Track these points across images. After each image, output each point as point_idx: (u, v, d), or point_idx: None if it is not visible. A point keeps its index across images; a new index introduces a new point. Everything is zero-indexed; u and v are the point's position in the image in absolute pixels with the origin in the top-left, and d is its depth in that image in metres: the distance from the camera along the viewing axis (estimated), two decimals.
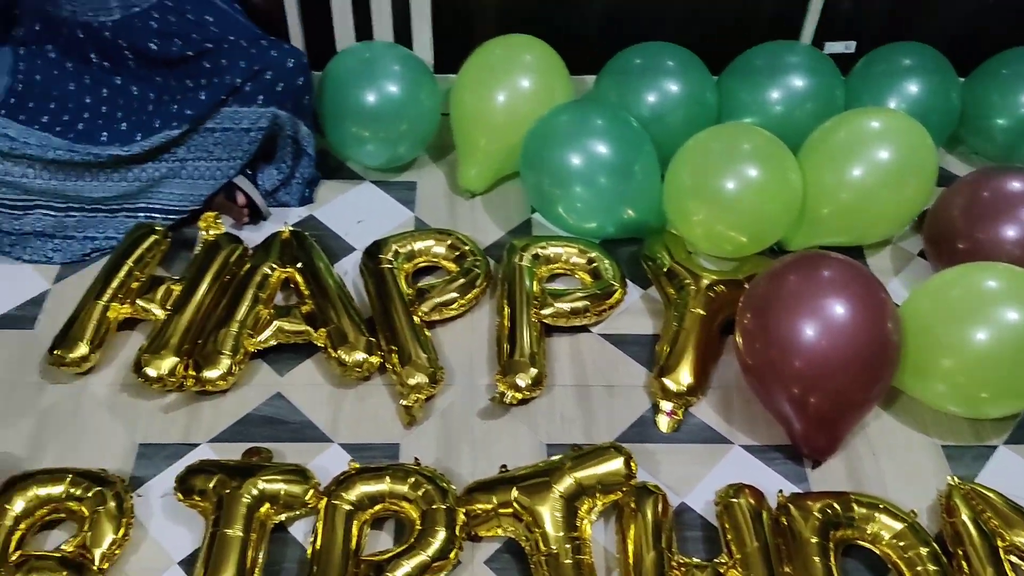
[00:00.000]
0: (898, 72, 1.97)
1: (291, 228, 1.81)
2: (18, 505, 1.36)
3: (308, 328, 1.64)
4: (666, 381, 1.58)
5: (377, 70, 1.91)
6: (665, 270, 1.74)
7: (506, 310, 1.67)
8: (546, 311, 1.67)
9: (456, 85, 1.97)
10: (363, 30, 2.02)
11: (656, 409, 1.58)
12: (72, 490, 1.39)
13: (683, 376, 1.58)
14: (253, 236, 1.85)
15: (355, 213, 1.95)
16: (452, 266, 1.78)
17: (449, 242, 1.79)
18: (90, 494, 1.38)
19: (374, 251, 1.77)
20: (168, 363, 1.55)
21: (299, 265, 1.73)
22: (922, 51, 2.00)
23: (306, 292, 1.70)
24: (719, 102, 1.97)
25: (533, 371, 1.57)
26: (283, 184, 1.92)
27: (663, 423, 1.57)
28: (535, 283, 1.71)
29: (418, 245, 1.79)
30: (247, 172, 1.87)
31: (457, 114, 1.97)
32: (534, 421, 1.57)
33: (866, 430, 1.57)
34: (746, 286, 1.62)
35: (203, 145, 1.80)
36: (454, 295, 1.70)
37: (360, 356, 1.59)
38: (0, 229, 1.75)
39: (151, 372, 1.55)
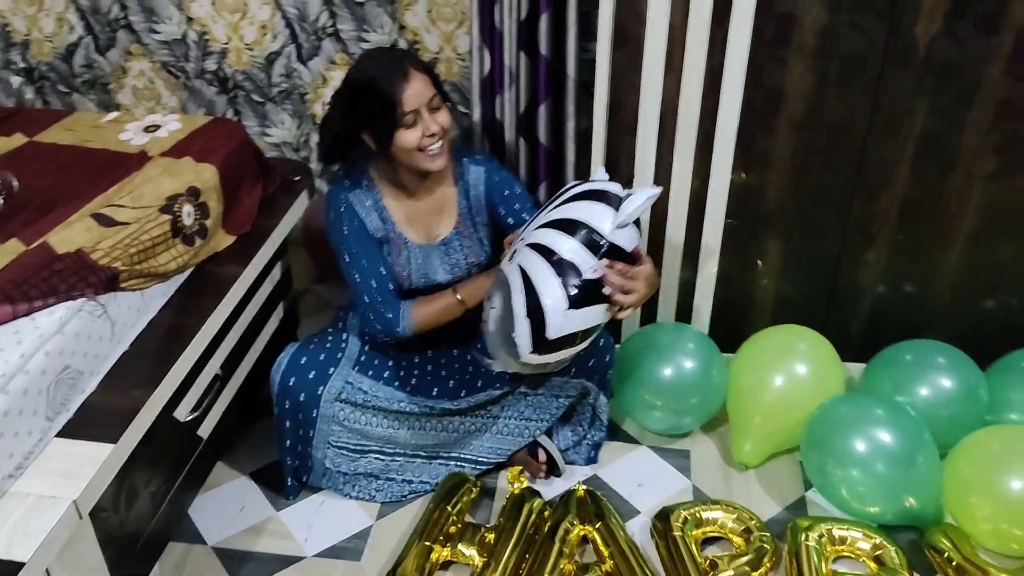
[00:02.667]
0: None
1: (585, 487, 2.00)
2: None
3: None
4: None
5: (674, 347, 2.14)
6: (953, 564, 1.80)
7: None
8: None
9: (734, 365, 2.18)
10: (650, 312, 2.29)
11: None
12: None
13: None
14: (544, 490, 2.05)
15: (635, 476, 2.12)
16: (738, 540, 1.90)
17: (735, 515, 1.93)
18: None
19: (664, 516, 1.93)
20: None
21: (597, 525, 1.90)
22: None
23: (604, 552, 1.85)
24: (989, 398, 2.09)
25: None
26: (575, 445, 2.14)
27: None
28: (824, 564, 1.81)
29: (707, 515, 1.93)
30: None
31: (734, 391, 2.16)
32: None
33: None
34: None
35: (516, 406, 2.04)
36: (745, 569, 1.81)
37: None
38: (339, 469, 2.02)
39: None
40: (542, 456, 2.08)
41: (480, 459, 2.07)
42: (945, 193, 2.03)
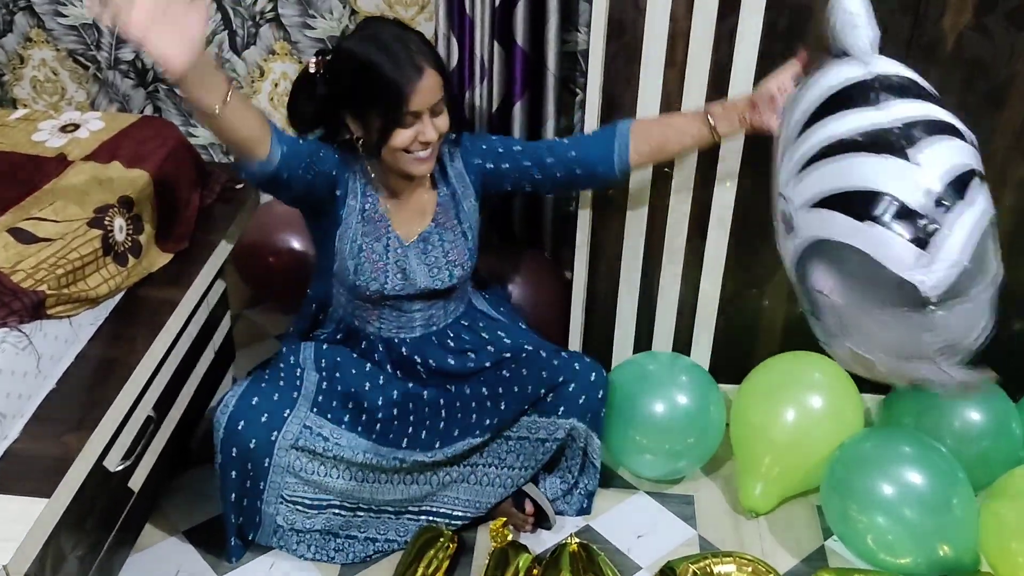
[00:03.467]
0: None
1: (578, 540, 2.02)
2: None
3: None
4: None
5: (665, 380, 2.19)
6: None
7: None
8: None
9: (740, 398, 2.23)
10: (643, 338, 2.33)
11: None
12: None
13: None
14: (532, 544, 2.07)
15: (633, 526, 2.16)
16: None
17: (751, 568, 1.97)
18: None
19: (670, 571, 1.95)
20: None
21: None
22: None
23: None
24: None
25: None
26: (564, 494, 2.16)
27: None
28: None
29: (718, 569, 1.96)
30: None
31: (740, 429, 2.21)
32: None
33: None
34: None
35: (497, 452, 2.06)
36: None
37: None
38: (292, 526, 2.00)
39: None
40: (529, 507, 2.10)
41: (456, 513, 2.08)
42: None
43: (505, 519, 2.06)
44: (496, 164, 2.00)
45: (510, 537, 2.04)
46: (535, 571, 1.96)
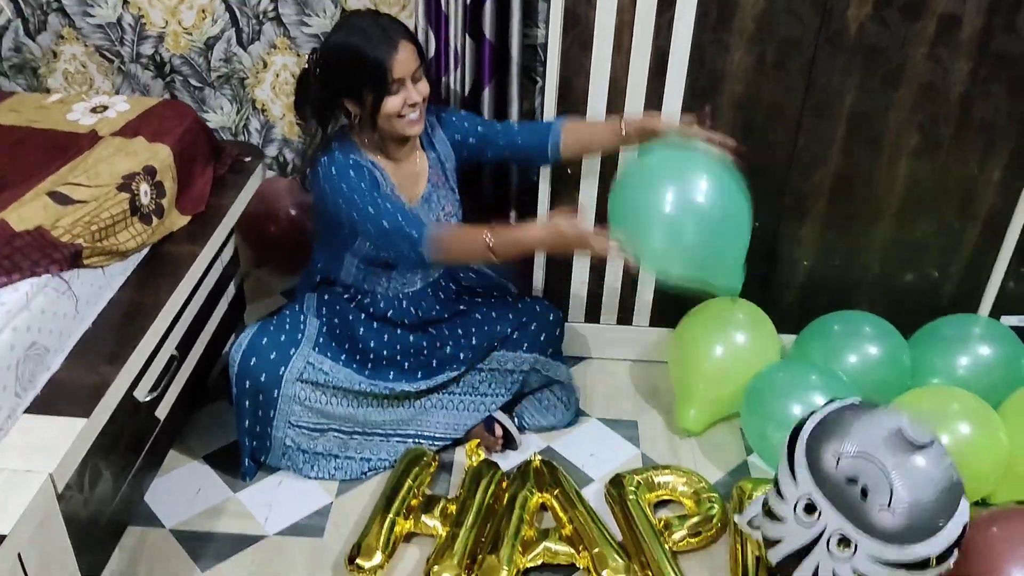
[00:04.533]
0: None
1: (540, 457, 2.06)
2: None
3: (572, 551, 1.85)
4: None
5: None
6: None
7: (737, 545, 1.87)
8: None
9: (676, 337, 2.28)
10: (592, 297, 2.36)
11: None
12: None
13: None
14: (501, 462, 2.10)
15: (586, 447, 2.19)
16: (689, 502, 1.99)
17: (685, 479, 2.01)
18: None
19: (618, 482, 2.00)
20: (453, 574, 1.76)
21: (555, 492, 1.96)
22: None
23: (563, 517, 1.91)
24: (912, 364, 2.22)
25: None
26: (544, 410, 2.22)
27: None
28: None
29: (658, 479, 2.01)
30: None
31: (677, 362, 2.25)
32: None
33: None
34: None
35: (471, 383, 2.09)
36: (697, 529, 1.90)
37: None
38: (299, 447, 2.02)
39: None
40: (498, 431, 2.13)
41: (437, 435, 2.11)
42: (873, 169, 2.15)
43: (479, 441, 2.09)
44: (464, 137, 2.05)
45: (483, 456, 2.07)
46: (504, 483, 2.00)
